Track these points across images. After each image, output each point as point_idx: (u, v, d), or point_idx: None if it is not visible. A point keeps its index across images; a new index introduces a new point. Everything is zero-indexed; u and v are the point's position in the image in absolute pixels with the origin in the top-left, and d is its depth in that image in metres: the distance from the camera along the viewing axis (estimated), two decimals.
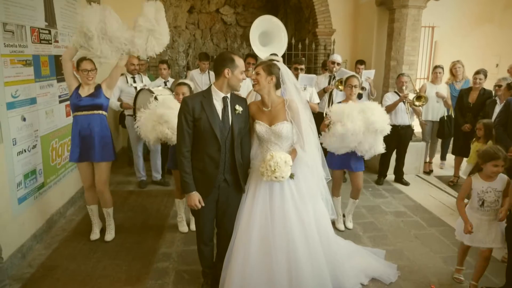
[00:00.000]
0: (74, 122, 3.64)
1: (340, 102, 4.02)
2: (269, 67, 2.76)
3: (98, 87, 3.67)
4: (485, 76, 5.27)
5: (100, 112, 3.67)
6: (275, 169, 2.56)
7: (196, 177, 2.71)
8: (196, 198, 2.70)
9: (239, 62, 2.65)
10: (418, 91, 5.41)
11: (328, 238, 2.91)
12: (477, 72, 5.27)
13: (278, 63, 2.86)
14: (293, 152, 2.78)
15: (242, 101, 2.82)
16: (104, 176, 3.73)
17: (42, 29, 4.00)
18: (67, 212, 4.49)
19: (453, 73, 6.05)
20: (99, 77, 3.77)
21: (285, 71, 2.83)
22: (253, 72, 2.80)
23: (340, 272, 2.92)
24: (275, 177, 2.58)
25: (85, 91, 3.62)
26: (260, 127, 2.80)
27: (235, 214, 2.86)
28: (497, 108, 4.80)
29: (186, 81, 3.99)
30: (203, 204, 2.72)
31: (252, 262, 2.67)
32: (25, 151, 3.61)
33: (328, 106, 5.47)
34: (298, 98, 2.86)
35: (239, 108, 2.72)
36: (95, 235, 3.89)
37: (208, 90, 2.71)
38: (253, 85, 2.80)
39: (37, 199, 3.82)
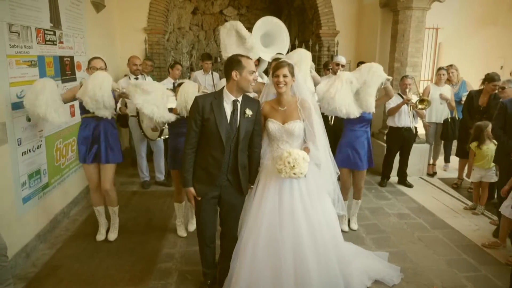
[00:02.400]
0: (83, 124, 3.64)
1: None
2: (292, 68, 2.80)
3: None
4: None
5: None
6: (294, 166, 2.56)
7: (199, 174, 2.77)
8: (191, 193, 2.80)
9: (247, 63, 2.66)
10: (421, 94, 5.39)
11: (336, 237, 2.91)
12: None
13: (290, 61, 2.88)
14: (305, 150, 2.79)
15: (254, 103, 2.81)
16: (110, 176, 3.76)
17: (47, 30, 4.02)
18: (70, 212, 4.51)
19: (448, 78, 6.06)
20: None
21: (296, 69, 2.89)
22: (281, 75, 2.77)
23: (348, 272, 2.92)
24: (294, 173, 2.58)
25: None
26: (273, 125, 2.83)
27: (239, 215, 2.88)
28: None
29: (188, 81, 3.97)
30: (198, 198, 2.80)
31: (259, 260, 2.67)
32: (29, 151, 3.63)
33: None
34: (309, 96, 2.92)
35: (248, 112, 2.73)
36: (101, 235, 3.90)
37: (220, 92, 2.73)
38: (281, 87, 2.78)
39: (41, 199, 3.84)
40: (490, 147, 4.50)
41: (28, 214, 3.59)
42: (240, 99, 2.72)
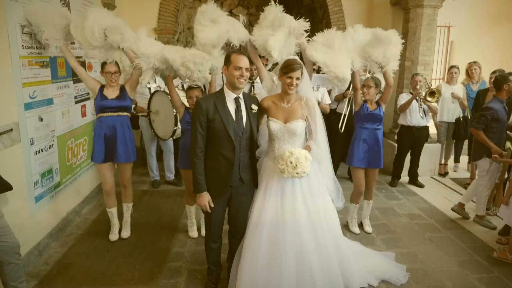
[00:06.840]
0: (98, 123, 3.66)
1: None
2: (303, 69, 2.80)
3: (122, 89, 3.71)
4: None
5: (125, 113, 3.72)
6: (296, 165, 2.55)
7: (209, 177, 2.74)
8: (206, 199, 2.74)
9: (234, 58, 2.63)
10: (430, 85, 5.30)
11: (336, 236, 2.90)
12: (493, 72, 5.19)
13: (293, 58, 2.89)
14: (306, 149, 2.79)
15: (255, 100, 2.86)
16: (128, 174, 3.88)
17: None
18: (82, 211, 4.56)
19: (469, 74, 5.94)
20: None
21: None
22: (295, 78, 2.73)
23: (348, 271, 2.91)
24: (297, 173, 2.57)
25: (110, 93, 3.65)
26: (275, 124, 2.81)
27: (248, 213, 2.87)
28: None
29: (198, 83, 3.98)
30: (212, 205, 2.76)
31: (261, 259, 2.67)
32: (42, 151, 3.68)
33: (347, 108, 5.37)
34: (312, 94, 2.96)
35: (255, 107, 2.76)
36: (114, 235, 3.92)
37: (221, 91, 2.75)
38: (292, 89, 2.75)
39: (53, 198, 3.90)
40: None
41: (40, 213, 3.64)
42: (241, 95, 2.74)
